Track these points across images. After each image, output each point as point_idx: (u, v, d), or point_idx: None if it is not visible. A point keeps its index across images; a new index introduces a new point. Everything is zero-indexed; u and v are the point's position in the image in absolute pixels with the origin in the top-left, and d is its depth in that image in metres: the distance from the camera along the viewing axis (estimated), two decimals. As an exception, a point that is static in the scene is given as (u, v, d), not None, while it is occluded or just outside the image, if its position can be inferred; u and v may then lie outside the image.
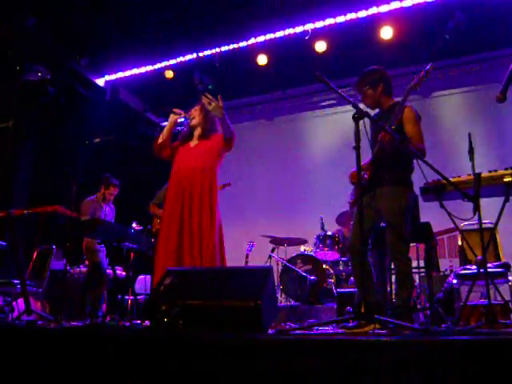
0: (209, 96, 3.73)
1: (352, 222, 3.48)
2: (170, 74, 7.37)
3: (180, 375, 2.02)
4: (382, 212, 3.28)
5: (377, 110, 3.57)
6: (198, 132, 3.97)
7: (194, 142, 3.96)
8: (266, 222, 7.54)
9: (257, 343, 1.98)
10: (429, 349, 1.69)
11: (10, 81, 6.90)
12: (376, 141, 3.24)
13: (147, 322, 3.36)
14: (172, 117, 4.04)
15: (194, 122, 3.97)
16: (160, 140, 4.01)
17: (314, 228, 6.18)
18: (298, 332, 2.72)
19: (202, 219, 3.62)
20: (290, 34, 6.61)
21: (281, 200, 7.89)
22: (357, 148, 2.83)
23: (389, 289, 3.78)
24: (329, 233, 5.93)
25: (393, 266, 3.55)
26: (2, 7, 6.05)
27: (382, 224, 3.37)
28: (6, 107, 6.96)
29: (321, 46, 6.65)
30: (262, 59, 7.00)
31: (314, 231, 6.17)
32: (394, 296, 3.58)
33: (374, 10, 6.16)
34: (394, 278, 3.66)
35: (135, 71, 7.61)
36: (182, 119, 4.11)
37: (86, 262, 5.92)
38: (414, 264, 4.88)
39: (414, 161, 3.14)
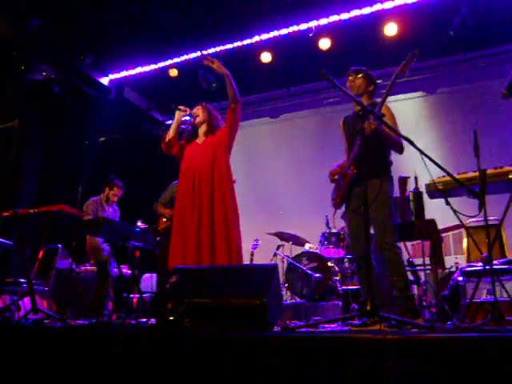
0: (208, 57, 3.83)
1: (347, 228, 3.49)
2: (174, 72, 7.37)
3: (186, 373, 2.03)
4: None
5: (352, 109, 3.67)
6: (203, 129, 4.03)
7: (200, 139, 4.00)
8: (271, 221, 7.51)
9: (263, 341, 1.98)
10: (435, 346, 1.68)
11: (15, 80, 6.93)
12: (357, 136, 3.26)
13: (153, 321, 3.37)
14: (178, 114, 4.10)
15: (198, 119, 4.03)
16: (168, 137, 4.07)
17: (319, 226, 6.15)
18: (303, 330, 2.71)
19: (228, 216, 3.62)
20: (294, 32, 6.57)
21: (285, 198, 7.87)
22: (361, 144, 2.83)
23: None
24: (334, 230, 5.91)
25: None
26: (6, 7, 6.07)
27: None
28: (12, 107, 6.99)
29: (325, 43, 6.61)
30: (266, 57, 6.97)
31: (318, 230, 6.14)
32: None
33: (378, 7, 6.11)
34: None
35: (139, 70, 7.60)
36: (188, 117, 4.15)
37: (92, 261, 5.93)
38: (420, 261, 4.88)
39: (421, 157, 3.15)
